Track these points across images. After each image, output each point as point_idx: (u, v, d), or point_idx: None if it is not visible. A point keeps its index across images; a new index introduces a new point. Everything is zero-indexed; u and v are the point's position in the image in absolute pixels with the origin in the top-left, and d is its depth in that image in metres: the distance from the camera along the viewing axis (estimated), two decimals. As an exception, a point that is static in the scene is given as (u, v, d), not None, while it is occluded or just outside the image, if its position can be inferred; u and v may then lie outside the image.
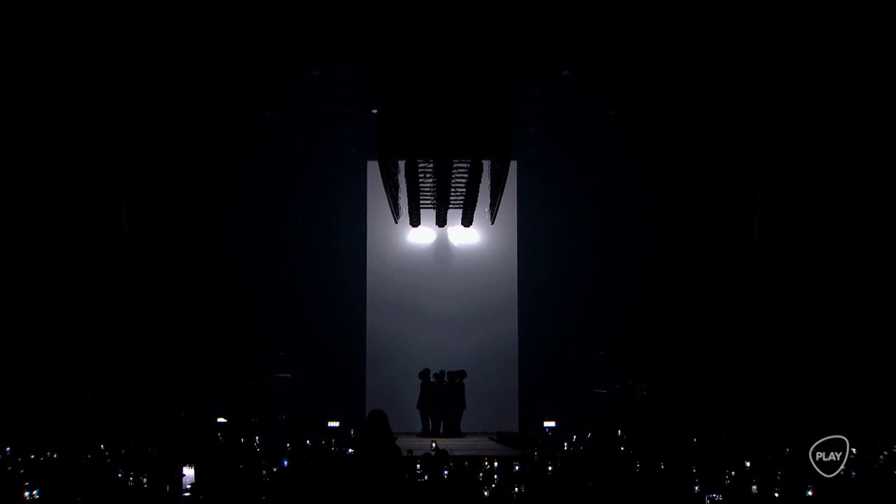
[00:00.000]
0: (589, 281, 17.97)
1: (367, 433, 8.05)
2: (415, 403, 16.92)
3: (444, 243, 18.65)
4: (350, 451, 11.92)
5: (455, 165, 13.91)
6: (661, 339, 17.12)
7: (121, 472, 9.20)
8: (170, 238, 16.76)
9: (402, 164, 14.31)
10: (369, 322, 18.35)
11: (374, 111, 13.41)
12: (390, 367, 18.19)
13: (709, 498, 8.49)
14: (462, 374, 16.95)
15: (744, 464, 9.78)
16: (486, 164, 14.49)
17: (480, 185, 14.79)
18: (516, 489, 8.94)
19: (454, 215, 17.26)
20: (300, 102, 16.32)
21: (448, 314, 18.30)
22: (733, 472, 9.39)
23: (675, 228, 17.27)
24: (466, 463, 10.16)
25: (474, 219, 16.98)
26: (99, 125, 14.92)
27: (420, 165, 13.95)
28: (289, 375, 17.59)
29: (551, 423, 16.45)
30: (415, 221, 17.34)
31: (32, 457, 10.25)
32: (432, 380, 16.99)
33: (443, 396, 16.86)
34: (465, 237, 18.55)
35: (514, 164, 15.90)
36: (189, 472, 9.08)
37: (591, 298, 17.92)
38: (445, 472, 9.34)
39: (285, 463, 10.09)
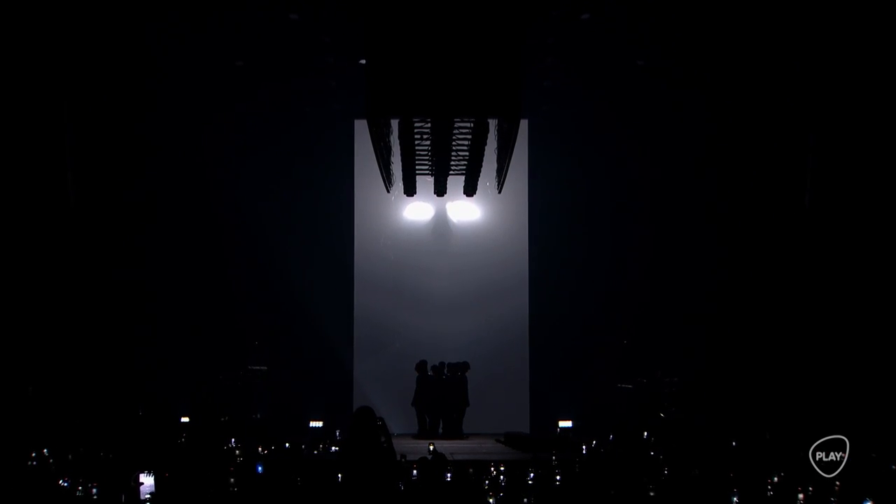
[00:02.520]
0: (610, 258, 17.95)
1: (353, 434, 8.00)
2: (410, 400, 16.93)
3: (444, 215, 18.65)
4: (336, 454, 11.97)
5: (456, 125, 13.87)
6: (694, 325, 17.03)
7: (67, 481, 9.17)
8: (126, 207, 16.61)
9: (395, 123, 14.24)
10: (358, 306, 18.40)
11: (363, 62, 13.29)
12: (382, 358, 18.21)
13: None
14: (464, 366, 16.96)
15: (791, 472, 9.71)
16: (493, 123, 14.42)
17: (486, 148, 14.70)
18: (527, 499, 8.94)
19: (455, 183, 17.15)
20: (276, 51, 16.14)
21: (448, 297, 18.36)
22: (776, 480, 9.35)
23: (714, 197, 17.10)
24: (471, 469, 10.12)
25: (478, 188, 16.90)
26: (39, 71, 14.66)
27: (416, 125, 13.91)
28: (265, 368, 17.62)
29: (567, 423, 16.54)
30: (410, 190, 17.25)
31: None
32: (430, 373, 17.01)
33: (442, 392, 16.91)
34: (468, 208, 18.54)
35: (524, 124, 15.84)
36: (148, 481, 9.10)
37: (613, 279, 17.90)
38: (446, 479, 9.31)
39: (260, 469, 10.11)
